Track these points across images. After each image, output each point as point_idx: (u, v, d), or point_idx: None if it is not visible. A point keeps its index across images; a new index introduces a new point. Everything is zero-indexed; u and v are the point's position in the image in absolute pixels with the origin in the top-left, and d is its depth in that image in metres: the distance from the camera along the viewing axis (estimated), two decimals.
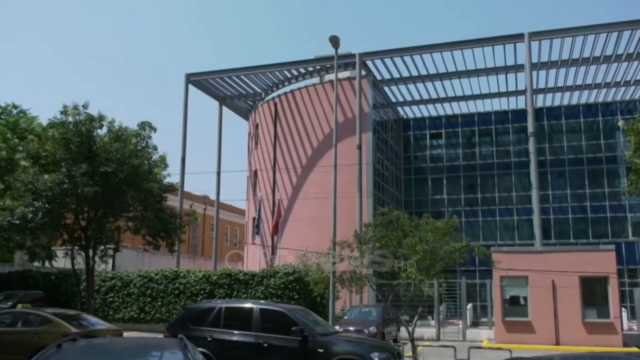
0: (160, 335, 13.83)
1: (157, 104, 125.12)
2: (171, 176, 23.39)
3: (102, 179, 19.41)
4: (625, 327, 24.24)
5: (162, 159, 22.35)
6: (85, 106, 20.39)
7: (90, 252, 21.40)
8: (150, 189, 20.81)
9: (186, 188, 40.78)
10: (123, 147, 20.10)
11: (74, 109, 20.23)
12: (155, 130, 21.95)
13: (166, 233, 21.90)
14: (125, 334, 17.51)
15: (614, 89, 39.65)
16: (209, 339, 11.88)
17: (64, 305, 24.87)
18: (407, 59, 35.25)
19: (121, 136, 20.81)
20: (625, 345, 21.81)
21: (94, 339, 8.40)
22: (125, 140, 20.64)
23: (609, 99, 40.80)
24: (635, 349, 20.52)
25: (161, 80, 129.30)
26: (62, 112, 20.28)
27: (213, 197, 45.73)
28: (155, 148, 22.14)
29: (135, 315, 25.19)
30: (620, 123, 17.74)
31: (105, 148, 19.91)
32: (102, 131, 20.96)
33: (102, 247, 22.43)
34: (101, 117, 20.65)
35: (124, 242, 33.61)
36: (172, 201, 33.06)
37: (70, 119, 20.19)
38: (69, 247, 21.81)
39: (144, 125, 21.62)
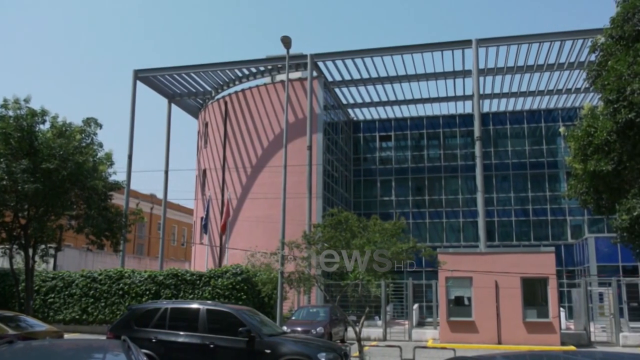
0: (103, 337, 13.50)
1: (104, 100, 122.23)
2: (117, 174, 22.93)
3: (43, 175, 18.78)
4: (563, 326, 25.07)
5: (108, 156, 21.81)
6: (27, 100, 19.68)
7: (30, 252, 20.67)
8: (95, 187, 20.28)
9: (133, 186, 40.05)
10: (67, 143, 19.50)
11: (14, 102, 19.49)
12: (101, 126, 21.43)
13: (111, 232, 21.38)
14: (66, 335, 17.01)
15: (556, 97, 41.08)
16: (154, 340, 11.66)
17: (1, 306, 23.98)
18: (358, 61, 35.57)
19: (65, 132, 20.19)
20: (563, 344, 22.57)
21: (33, 341, 8.11)
22: (69, 137, 20.03)
23: (552, 106, 42.24)
24: (572, 348, 21.28)
25: (109, 76, 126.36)
26: (1, 106, 19.51)
27: (160, 196, 44.98)
28: (100, 145, 21.62)
29: (77, 317, 24.52)
30: (562, 129, 18.43)
31: (48, 144, 19.26)
32: (45, 126, 20.29)
33: (42, 246, 21.70)
34: (44, 112, 19.98)
35: (67, 241, 32.66)
36: (118, 200, 32.32)
37: (10, 113, 19.42)
38: (7, 246, 21.02)
39: (89, 121, 21.05)
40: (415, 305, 28.49)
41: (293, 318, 22.44)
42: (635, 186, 14.30)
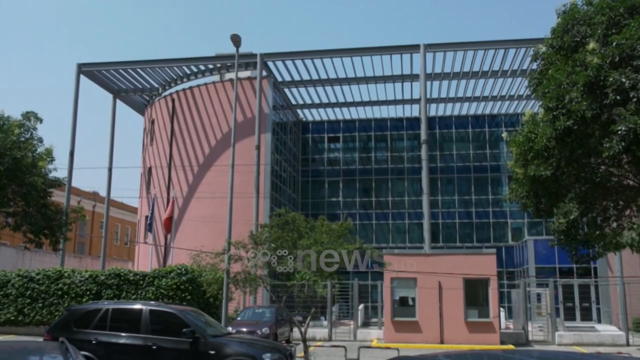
0: (40, 339, 13.09)
1: (45, 94, 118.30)
2: (58, 170, 22.33)
3: None
4: (503, 326, 25.78)
5: (48, 152, 21.18)
6: None
7: None
8: (34, 183, 19.65)
9: (75, 184, 38.93)
10: (4, 137, 18.83)
11: None
12: (41, 121, 20.81)
13: (50, 230, 20.77)
14: (0, 337, 16.39)
15: (499, 103, 42.25)
16: (94, 341, 11.38)
17: None
18: (308, 62, 35.61)
19: (2, 126, 19.49)
20: (502, 343, 23.22)
21: None
22: (7, 131, 19.34)
23: (495, 111, 43.40)
24: (511, 347, 21.92)
25: (51, 69, 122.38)
26: None
27: (103, 193, 43.84)
28: (40, 140, 21.00)
29: (13, 318, 23.61)
30: (504, 135, 18.91)
31: None
32: None
33: None
34: None
35: (2, 239, 31.48)
36: (58, 197, 31.35)
37: None
38: None
39: (28, 115, 20.40)
40: (361, 306, 28.75)
41: (238, 319, 22.29)
42: (572, 191, 14.85)
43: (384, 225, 42.52)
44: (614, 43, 12.33)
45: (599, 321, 31.22)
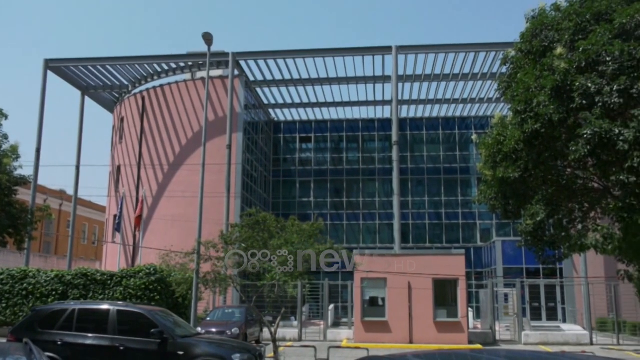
0: (4, 340, 12.82)
1: (11, 90, 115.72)
2: (24, 168, 21.92)
3: None
4: (471, 325, 26.10)
5: (14, 149, 20.78)
6: None
7: None
8: None
9: (41, 181, 38.17)
10: None
11: None
12: (6, 117, 20.41)
13: (15, 229, 20.37)
14: None
15: (469, 105, 42.77)
16: (59, 343, 11.17)
17: None
18: (281, 61, 35.54)
19: None
20: (470, 342, 23.51)
21: None
22: None
23: (465, 114, 43.95)
24: (479, 346, 22.22)
25: (17, 64, 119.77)
26: None
27: (71, 192, 43.07)
28: (5, 137, 20.60)
29: None
30: (474, 137, 19.17)
31: None
32: None
33: None
34: None
35: None
36: (24, 195, 30.75)
37: None
38: None
39: None
40: (331, 306, 28.82)
41: (208, 319, 22.12)
42: (539, 193, 15.11)
43: (355, 226, 42.69)
44: (581, 49, 12.61)
45: (564, 321, 31.84)
